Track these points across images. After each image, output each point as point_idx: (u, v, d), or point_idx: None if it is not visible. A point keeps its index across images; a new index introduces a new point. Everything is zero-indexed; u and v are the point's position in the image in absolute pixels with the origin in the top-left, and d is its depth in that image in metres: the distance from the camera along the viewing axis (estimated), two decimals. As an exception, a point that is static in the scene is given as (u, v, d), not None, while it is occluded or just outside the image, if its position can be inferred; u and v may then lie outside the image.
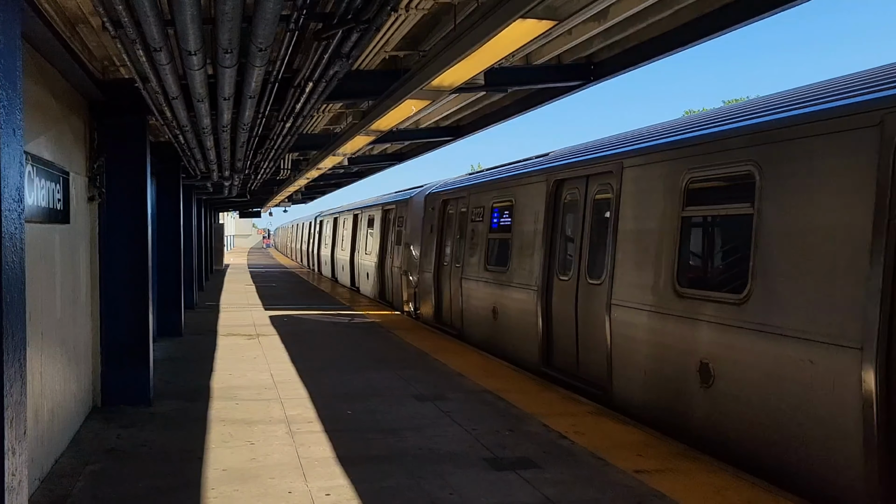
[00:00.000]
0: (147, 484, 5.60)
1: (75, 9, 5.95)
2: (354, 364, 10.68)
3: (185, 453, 6.36)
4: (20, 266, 3.30)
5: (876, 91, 5.32)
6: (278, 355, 11.40)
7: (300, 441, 6.73)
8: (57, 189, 6.21)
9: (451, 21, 6.87)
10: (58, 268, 6.35)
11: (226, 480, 5.67)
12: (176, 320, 13.66)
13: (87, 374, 7.70)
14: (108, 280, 8.04)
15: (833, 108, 5.59)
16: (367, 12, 5.21)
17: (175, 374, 9.91)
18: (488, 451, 6.42)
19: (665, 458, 6.21)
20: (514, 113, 11.59)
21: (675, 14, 7.32)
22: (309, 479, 5.69)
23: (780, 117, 6.09)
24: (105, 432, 7.02)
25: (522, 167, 11.73)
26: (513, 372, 9.98)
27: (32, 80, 5.54)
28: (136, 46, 5.30)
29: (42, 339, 5.71)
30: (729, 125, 6.71)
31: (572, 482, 5.65)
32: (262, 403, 8.20)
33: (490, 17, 5.38)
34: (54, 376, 6.15)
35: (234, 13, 4.42)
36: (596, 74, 9.09)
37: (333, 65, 6.40)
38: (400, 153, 18.24)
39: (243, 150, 11.47)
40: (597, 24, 7.61)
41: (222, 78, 6.31)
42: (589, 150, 9.57)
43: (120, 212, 8.10)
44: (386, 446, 6.59)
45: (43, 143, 5.90)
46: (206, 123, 8.52)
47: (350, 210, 26.73)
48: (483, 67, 6.79)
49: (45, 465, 5.79)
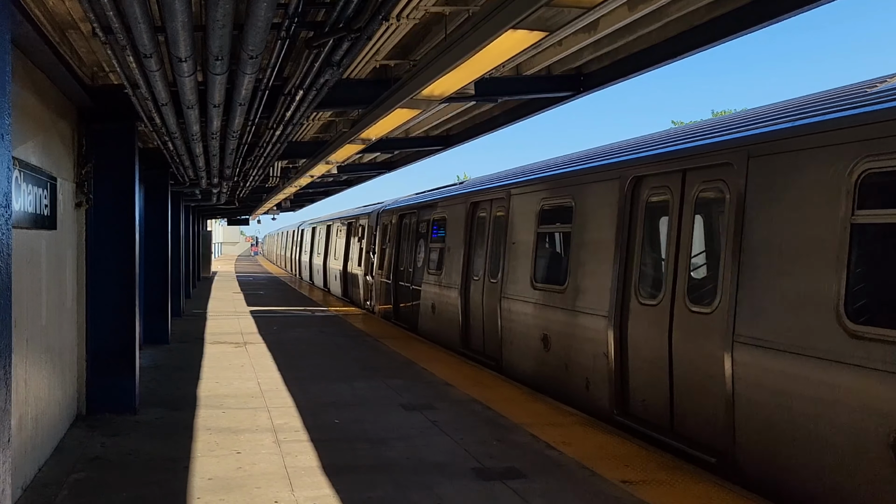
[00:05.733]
0: (132, 493, 5.55)
1: (65, 14, 5.93)
2: (342, 373, 10.64)
3: (170, 462, 6.31)
4: (6, 272, 3.28)
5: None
6: (265, 363, 11.34)
7: (287, 450, 6.69)
8: (44, 195, 6.17)
9: (442, 31, 6.90)
10: (44, 274, 6.30)
11: (211, 490, 5.63)
12: (163, 328, 13.58)
13: (73, 382, 7.63)
14: (95, 287, 7.98)
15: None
16: (358, 21, 5.23)
17: (161, 382, 9.84)
18: (476, 462, 6.41)
19: (652, 468, 6.22)
20: (504, 123, 11.64)
21: (664, 27, 7.39)
22: (295, 489, 5.66)
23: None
24: (90, 440, 6.96)
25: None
26: (500, 381, 9.97)
27: (21, 85, 5.52)
28: (126, 52, 5.29)
29: (27, 346, 5.66)
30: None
31: (559, 492, 5.65)
32: (248, 412, 8.15)
33: (481, 28, 5.41)
34: (39, 383, 6.09)
35: (225, 20, 4.42)
36: (585, 85, 9.15)
37: (324, 73, 6.41)
38: (390, 162, 18.26)
39: (232, 158, 11.44)
40: (587, 35, 7.66)
41: (212, 85, 6.30)
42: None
43: (107, 218, 8.06)
44: (373, 456, 6.56)
45: (31, 148, 5.86)
46: (195, 130, 8.50)
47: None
48: (473, 77, 6.82)
49: (29, 473, 5.72)
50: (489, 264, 11.52)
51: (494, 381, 10.00)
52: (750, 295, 5.93)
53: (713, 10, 6.87)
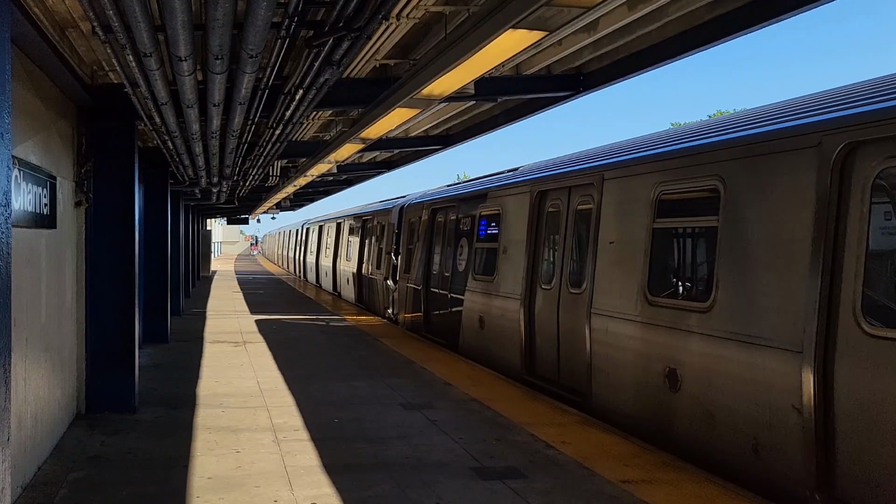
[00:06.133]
0: (131, 492, 5.55)
1: (65, 13, 5.93)
2: (341, 372, 10.64)
3: (170, 461, 6.31)
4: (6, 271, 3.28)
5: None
6: (265, 362, 11.35)
7: (286, 449, 6.69)
8: (44, 194, 6.17)
9: (442, 30, 6.90)
10: (43, 273, 6.30)
11: (211, 488, 5.63)
12: (162, 327, 13.58)
13: (72, 381, 7.63)
14: (94, 286, 7.98)
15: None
16: (358, 20, 5.22)
17: (161, 380, 9.84)
18: (475, 461, 6.41)
19: (651, 468, 6.22)
20: (504, 123, 11.64)
21: (663, 27, 7.39)
22: (295, 488, 5.66)
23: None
24: (89, 439, 6.96)
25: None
26: (499, 381, 9.97)
27: (21, 84, 5.52)
28: (125, 51, 5.29)
29: (27, 345, 5.66)
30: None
31: (559, 492, 5.65)
32: (248, 411, 8.15)
33: (481, 27, 5.41)
34: (38, 382, 6.09)
35: (225, 19, 4.42)
36: (585, 85, 9.15)
37: (324, 72, 6.41)
38: (389, 161, 18.26)
39: (232, 157, 11.44)
40: (586, 35, 7.67)
41: (212, 84, 6.30)
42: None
43: (107, 217, 8.06)
44: (372, 455, 6.57)
45: (30, 147, 5.86)
46: (195, 129, 8.50)
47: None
48: (473, 77, 6.83)
49: (29, 472, 5.73)
50: (569, 269, 9.28)
51: (494, 381, 10.00)
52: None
53: (713, 10, 6.87)
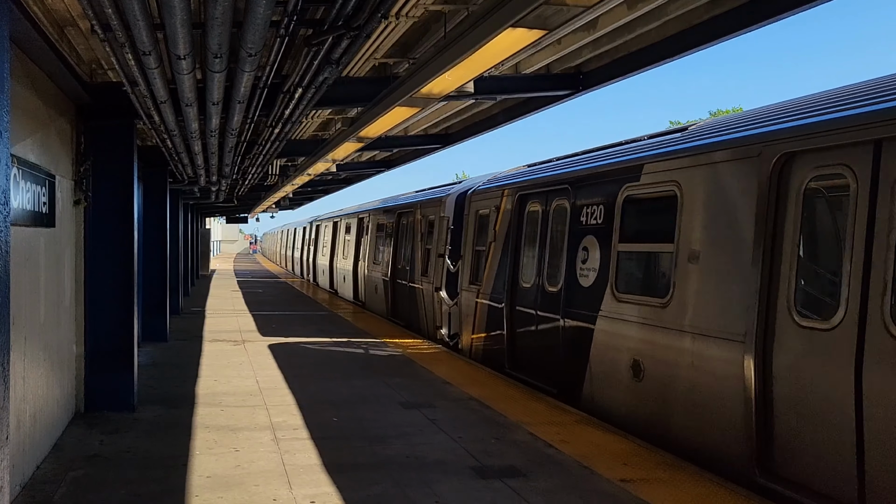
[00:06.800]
0: (130, 491, 5.54)
1: (64, 11, 5.92)
2: (340, 371, 10.64)
3: (168, 460, 6.31)
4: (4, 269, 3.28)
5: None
6: (264, 361, 11.34)
7: (285, 448, 6.69)
8: (42, 192, 6.16)
9: (441, 29, 6.89)
10: (42, 272, 6.30)
11: (210, 487, 5.63)
12: (161, 325, 13.57)
13: (71, 379, 7.63)
14: (93, 284, 7.97)
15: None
16: (357, 19, 5.22)
17: (159, 379, 9.83)
18: (474, 460, 6.41)
19: (651, 467, 6.22)
20: (503, 121, 11.63)
21: (663, 26, 7.38)
22: (294, 487, 5.66)
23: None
24: (88, 438, 6.95)
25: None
26: (499, 380, 9.97)
27: (19, 83, 5.51)
28: (124, 50, 5.28)
29: (25, 344, 5.66)
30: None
31: (558, 491, 5.65)
32: (247, 410, 8.15)
33: (480, 26, 5.40)
34: (37, 381, 6.09)
35: (224, 18, 4.41)
36: (585, 84, 9.14)
37: (323, 71, 6.40)
38: (388, 160, 18.25)
39: (231, 156, 11.43)
40: (586, 34, 7.66)
41: (211, 82, 6.29)
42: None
43: (106, 216, 8.05)
44: (372, 454, 6.56)
45: (29, 145, 5.85)
46: (194, 128, 8.49)
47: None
48: (473, 75, 6.82)
49: (27, 470, 5.72)
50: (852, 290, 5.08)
51: (493, 380, 10.00)
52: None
53: (712, 9, 6.86)
